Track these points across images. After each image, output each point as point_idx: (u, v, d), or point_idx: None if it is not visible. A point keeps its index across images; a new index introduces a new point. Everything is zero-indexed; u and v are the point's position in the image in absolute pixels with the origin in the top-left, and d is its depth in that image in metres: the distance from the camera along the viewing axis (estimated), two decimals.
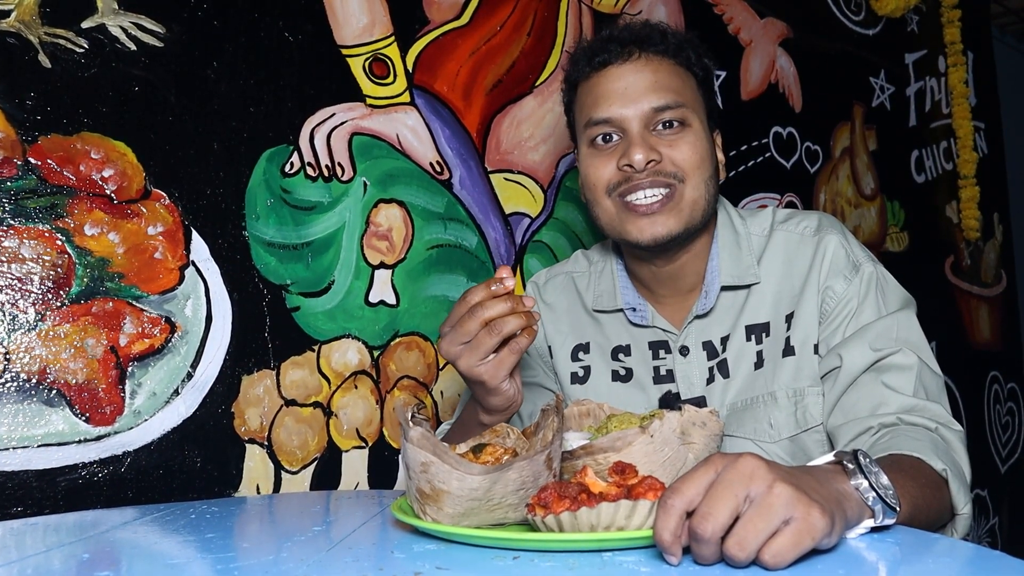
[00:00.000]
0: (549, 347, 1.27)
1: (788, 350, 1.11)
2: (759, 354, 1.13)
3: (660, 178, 1.07)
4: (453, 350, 0.98)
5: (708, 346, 1.15)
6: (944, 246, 2.88)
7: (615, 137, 1.10)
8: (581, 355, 1.25)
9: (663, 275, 1.17)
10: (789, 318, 1.12)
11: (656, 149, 1.07)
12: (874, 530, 0.71)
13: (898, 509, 0.71)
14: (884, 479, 0.71)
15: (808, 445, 1.10)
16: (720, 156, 1.17)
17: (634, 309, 1.20)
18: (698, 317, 1.16)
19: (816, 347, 1.10)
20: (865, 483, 0.69)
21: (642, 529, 0.69)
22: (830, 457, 0.73)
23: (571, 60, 1.18)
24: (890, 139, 2.68)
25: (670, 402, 1.15)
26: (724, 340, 1.15)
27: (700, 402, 1.14)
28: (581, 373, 1.24)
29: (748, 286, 1.14)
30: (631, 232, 1.10)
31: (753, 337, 1.13)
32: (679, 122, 1.08)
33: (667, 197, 1.08)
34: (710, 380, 1.15)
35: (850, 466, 0.71)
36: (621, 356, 1.21)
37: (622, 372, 1.21)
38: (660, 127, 1.08)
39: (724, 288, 1.15)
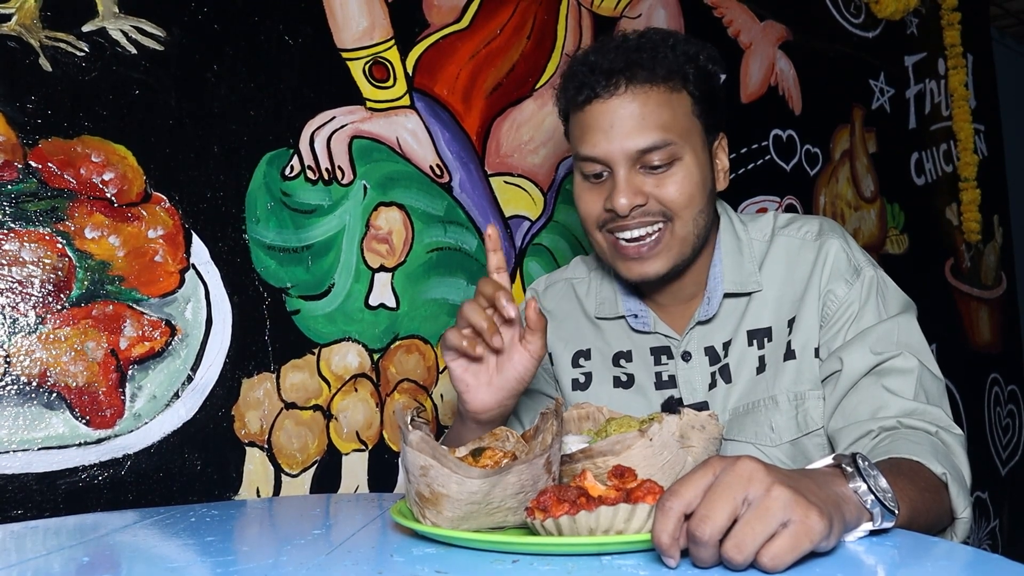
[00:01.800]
0: (550, 354, 1.27)
1: (789, 354, 1.11)
2: (761, 359, 1.13)
3: (647, 218, 1.06)
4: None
5: (710, 351, 1.15)
6: (944, 248, 2.88)
7: (603, 174, 1.08)
8: (582, 361, 1.25)
9: (662, 286, 1.17)
10: (791, 322, 1.12)
11: (642, 191, 1.06)
12: (873, 533, 0.71)
13: (896, 512, 0.71)
14: (883, 482, 0.71)
15: (809, 449, 1.10)
16: (723, 162, 1.15)
17: (636, 316, 1.20)
18: (700, 323, 1.16)
19: (817, 351, 1.10)
20: (864, 486, 0.69)
21: (641, 533, 0.69)
22: (829, 460, 0.73)
23: (562, 81, 1.14)
24: (890, 141, 2.68)
25: (672, 407, 1.15)
26: (726, 345, 1.15)
27: (703, 407, 1.14)
28: (582, 379, 1.24)
29: (750, 293, 1.14)
30: (621, 270, 1.11)
31: (755, 342, 1.13)
32: (667, 162, 1.06)
33: (656, 240, 1.07)
34: (712, 385, 1.15)
35: (848, 469, 0.71)
36: (623, 362, 1.21)
37: (624, 378, 1.21)
38: (648, 167, 1.06)
39: (727, 295, 1.15)
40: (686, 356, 1.16)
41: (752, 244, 1.16)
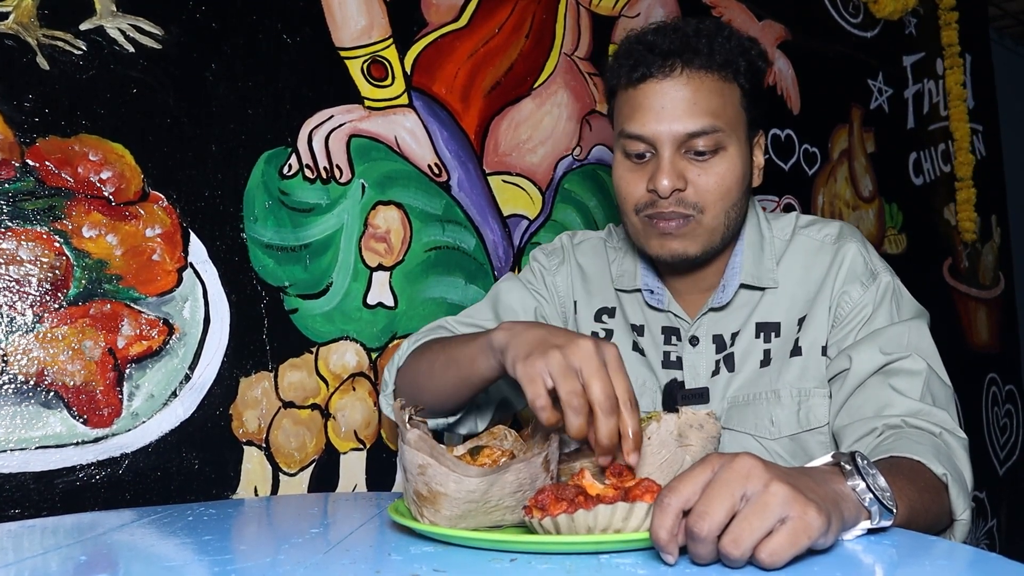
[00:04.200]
0: (575, 302, 1.27)
1: (796, 351, 1.12)
2: (767, 352, 1.13)
3: (681, 208, 1.06)
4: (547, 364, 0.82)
5: (718, 339, 1.16)
6: (942, 248, 2.88)
7: (647, 154, 1.08)
8: (605, 318, 1.25)
9: (685, 274, 1.17)
10: (801, 321, 1.13)
11: (684, 176, 1.06)
12: (871, 532, 0.71)
13: (895, 511, 0.71)
14: (881, 481, 0.71)
15: (811, 445, 1.10)
16: (759, 160, 1.16)
17: (652, 291, 1.20)
18: (713, 310, 1.16)
19: (824, 349, 1.11)
20: (862, 484, 0.69)
21: (639, 531, 0.69)
22: (827, 458, 0.73)
23: (615, 58, 1.13)
24: (888, 141, 2.68)
25: (674, 390, 1.15)
26: (734, 335, 1.15)
27: (703, 393, 1.14)
28: (602, 335, 1.24)
29: (765, 288, 1.15)
30: (653, 247, 1.10)
31: (762, 335, 1.14)
32: (712, 149, 1.06)
33: (684, 224, 1.07)
34: (715, 372, 1.15)
35: (847, 467, 0.71)
36: (635, 335, 1.22)
37: (640, 346, 1.21)
38: (692, 153, 1.06)
39: (743, 286, 1.15)
40: (694, 340, 1.17)
41: (774, 242, 1.17)
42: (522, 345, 0.86)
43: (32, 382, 1.11)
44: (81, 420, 1.14)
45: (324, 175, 1.42)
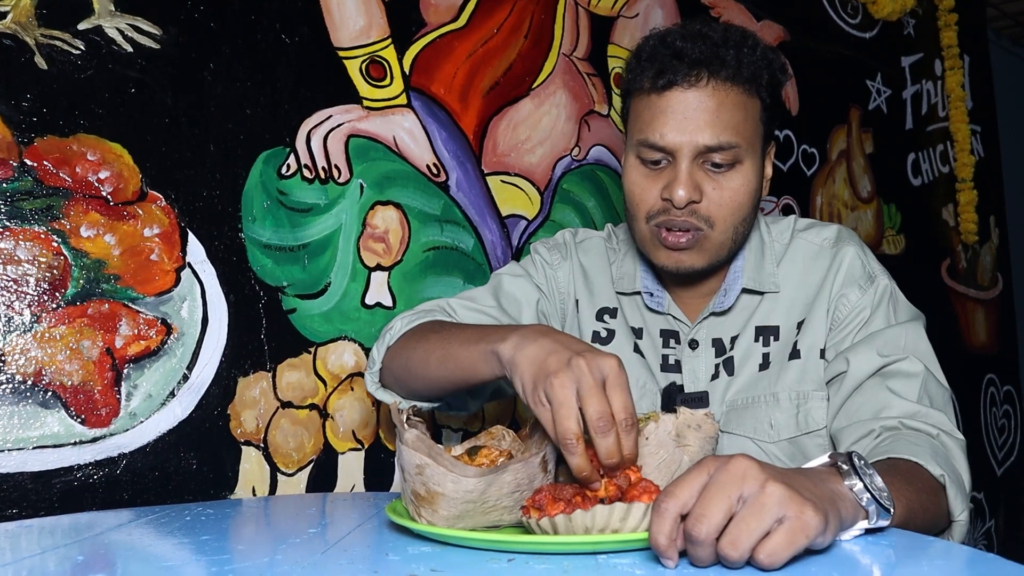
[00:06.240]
0: (577, 300, 1.26)
1: (794, 354, 1.12)
2: (765, 356, 1.14)
3: (693, 220, 1.05)
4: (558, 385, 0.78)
5: (717, 343, 1.16)
6: (940, 249, 2.89)
7: (663, 161, 1.07)
8: (607, 318, 1.24)
9: (689, 283, 1.17)
10: (800, 324, 1.13)
11: (700, 188, 1.05)
12: (869, 532, 0.72)
13: (892, 511, 0.71)
14: (879, 480, 0.71)
15: (809, 448, 1.10)
16: (769, 170, 1.15)
17: (651, 294, 1.20)
18: (714, 314, 1.16)
19: (823, 352, 1.11)
20: (859, 484, 0.70)
21: (636, 531, 0.69)
22: (825, 459, 0.74)
23: (636, 59, 1.10)
24: (886, 142, 2.69)
25: (673, 393, 1.15)
26: (733, 339, 1.15)
27: (703, 397, 1.14)
28: (604, 334, 1.23)
29: (765, 292, 1.15)
30: (659, 258, 1.10)
31: (761, 338, 1.14)
32: (729, 163, 1.05)
33: (693, 239, 1.07)
34: (715, 376, 1.15)
35: (844, 467, 0.71)
36: (635, 338, 1.22)
37: (640, 348, 1.21)
38: (709, 164, 1.05)
39: (744, 290, 1.15)
40: (693, 344, 1.17)
41: (774, 246, 1.17)
42: (527, 368, 0.83)
43: (30, 382, 1.11)
44: (79, 420, 1.13)
45: (322, 175, 1.42)
